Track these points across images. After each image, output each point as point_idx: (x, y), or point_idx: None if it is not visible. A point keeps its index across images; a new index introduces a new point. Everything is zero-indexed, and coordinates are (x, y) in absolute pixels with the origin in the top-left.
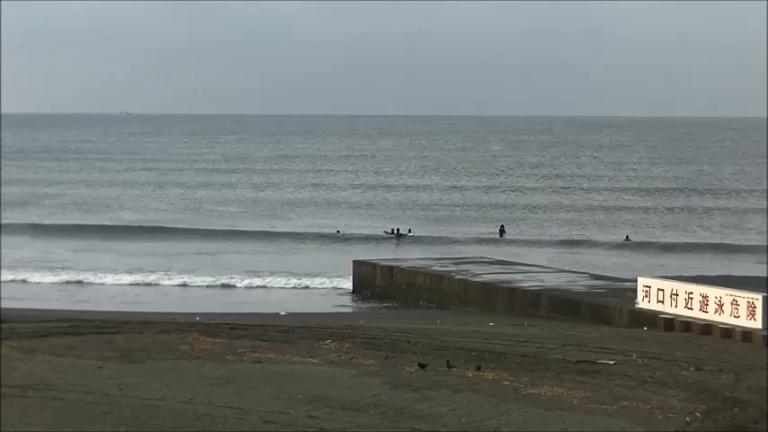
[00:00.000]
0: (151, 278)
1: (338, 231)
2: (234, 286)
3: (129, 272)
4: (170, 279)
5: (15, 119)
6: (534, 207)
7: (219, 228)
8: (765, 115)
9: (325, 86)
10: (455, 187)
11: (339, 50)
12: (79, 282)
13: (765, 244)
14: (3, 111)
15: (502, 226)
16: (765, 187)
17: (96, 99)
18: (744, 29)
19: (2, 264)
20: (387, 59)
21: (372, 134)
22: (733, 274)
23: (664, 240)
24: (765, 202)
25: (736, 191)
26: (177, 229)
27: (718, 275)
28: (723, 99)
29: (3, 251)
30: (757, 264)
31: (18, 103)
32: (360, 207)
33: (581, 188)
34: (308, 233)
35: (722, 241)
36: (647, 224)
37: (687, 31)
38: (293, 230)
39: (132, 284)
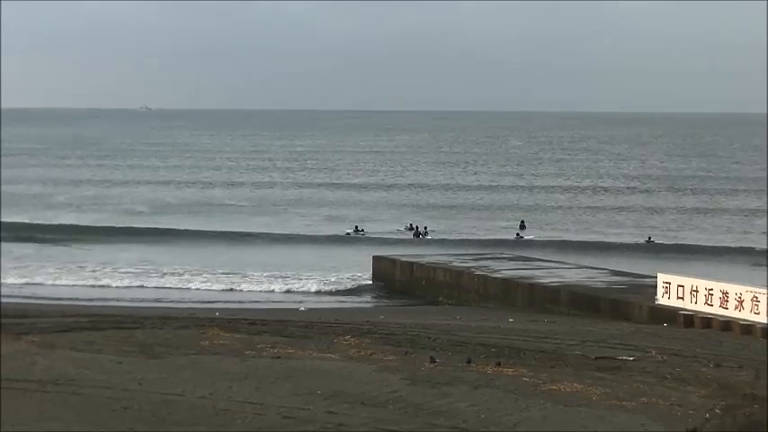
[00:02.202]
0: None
1: (357, 227)
2: (253, 283)
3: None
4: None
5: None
6: (554, 207)
7: (237, 229)
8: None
9: (340, 82)
10: (470, 186)
11: (348, 48)
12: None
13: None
14: (19, 106)
15: (522, 221)
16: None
17: (115, 95)
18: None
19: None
20: (385, 57)
21: (380, 130)
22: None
23: (688, 242)
24: None
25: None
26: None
27: None
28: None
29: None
30: None
31: (42, 99)
32: (378, 204)
33: (601, 187)
34: (325, 229)
35: (752, 245)
36: (673, 225)
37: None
38: (311, 225)
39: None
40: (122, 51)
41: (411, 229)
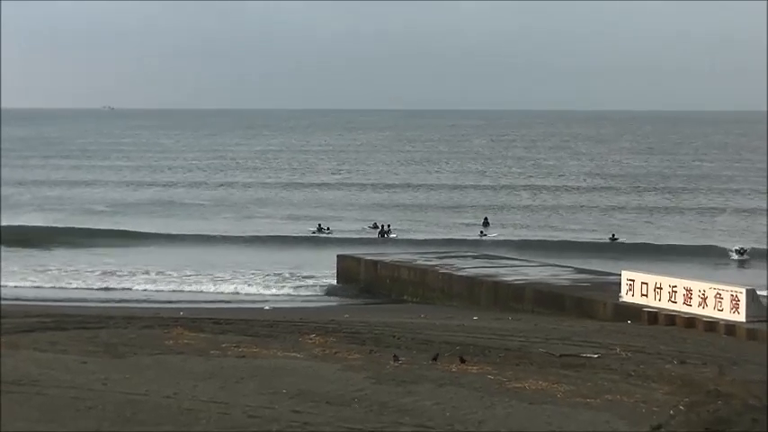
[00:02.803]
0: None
1: (320, 226)
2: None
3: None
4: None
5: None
6: (517, 205)
7: (202, 232)
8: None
9: (321, 82)
10: (433, 184)
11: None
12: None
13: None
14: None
15: (485, 218)
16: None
17: (77, 95)
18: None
19: None
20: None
21: (345, 129)
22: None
23: (651, 240)
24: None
25: (736, 190)
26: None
27: None
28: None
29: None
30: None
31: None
32: (341, 203)
33: (564, 185)
34: (291, 228)
35: (713, 243)
36: (636, 223)
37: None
38: (274, 225)
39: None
40: (84, 52)
41: (375, 227)
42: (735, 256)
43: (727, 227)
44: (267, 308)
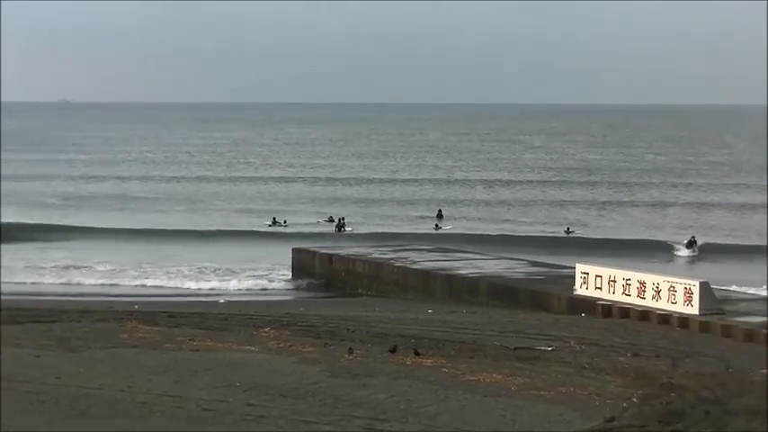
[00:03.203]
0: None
1: (275, 219)
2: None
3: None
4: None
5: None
6: (472, 199)
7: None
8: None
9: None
10: (387, 178)
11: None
12: None
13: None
14: None
15: (440, 210)
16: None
17: (32, 87)
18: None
19: None
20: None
21: (299, 123)
22: None
23: (605, 234)
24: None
25: (689, 183)
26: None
27: None
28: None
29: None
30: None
31: None
32: (296, 197)
33: (518, 179)
34: (245, 222)
35: (664, 238)
36: (590, 217)
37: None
38: (228, 218)
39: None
40: (41, 44)
41: (331, 220)
42: (684, 251)
43: (679, 220)
44: (222, 301)
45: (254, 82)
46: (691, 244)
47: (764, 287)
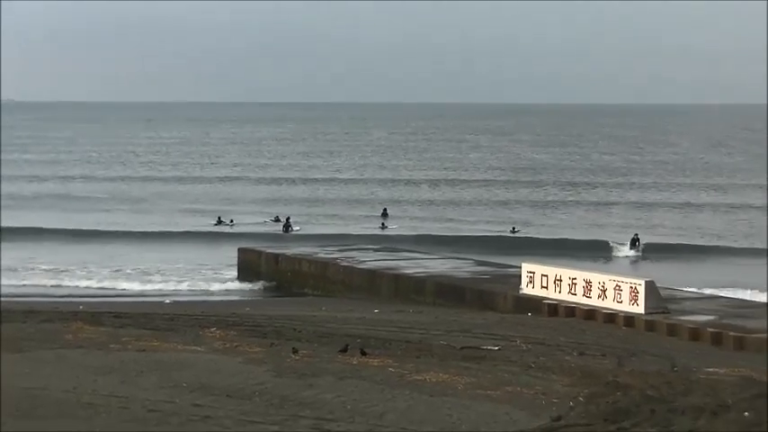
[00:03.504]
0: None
1: (220, 219)
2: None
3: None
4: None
5: None
6: (417, 199)
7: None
8: None
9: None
10: (332, 178)
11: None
12: None
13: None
14: None
15: (384, 209)
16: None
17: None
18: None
19: None
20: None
21: (246, 122)
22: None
23: (550, 234)
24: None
25: (632, 183)
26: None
27: None
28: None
29: None
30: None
31: None
32: (242, 197)
33: (463, 179)
34: (190, 222)
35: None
36: (535, 215)
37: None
38: (173, 218)
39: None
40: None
41: (277, 220)
42: (627, 250)
43: (623, 219)
44: (168, 301)
45: (203, 82)
46: (634, 243)
47: (702, 288)
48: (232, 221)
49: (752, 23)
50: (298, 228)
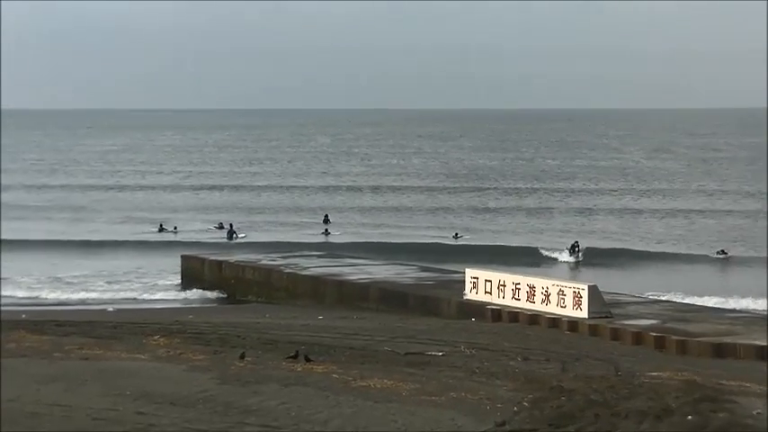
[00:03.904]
0: None
1: (162, 226)
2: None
3: None
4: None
5: None
6: (360, 207)
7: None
8: None
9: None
10: (275, 185)
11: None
12: None
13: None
14: None
15: (326, 215)
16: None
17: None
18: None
19: None
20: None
21: (189, 129)
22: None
23: (491, 241)
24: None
25: (572, 189)
26: None
27: None
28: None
29: None
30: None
31: None
32: (184, 204)
33: (408, 186)
34: (132, 230)
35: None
36: (477, 221)
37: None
38: (115, 227)
39: None
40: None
41: (221, 227)
42: (567, 256)
43: (565, 225)
44: (110, 309)
45: (146, 89)
46: (574, 248)
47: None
48: (176, 228)
49: (698, 27)
50: (243, 235)
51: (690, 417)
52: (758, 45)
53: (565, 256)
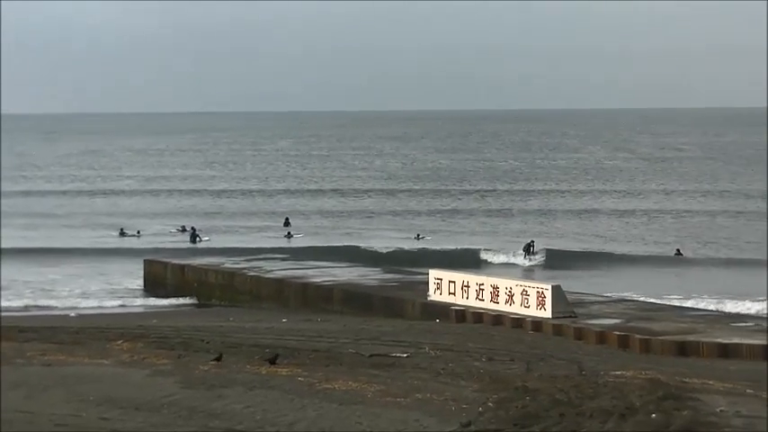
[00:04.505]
0: None
1: (122, 230)
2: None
3: None
4: None
5: None
6: (322, 211)
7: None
8: None
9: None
10: (236, 189)
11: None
12: None
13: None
14: None
15: (287, 218)
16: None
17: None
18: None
19: None
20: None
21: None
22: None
23: (452, 244)
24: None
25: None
26: None
27: None
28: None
29: None
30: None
31: None
32: (147, 209)
33: (367, 187)
34: (93, 235)
35: (508, 242)
36: (437, 222)
37: None
38: (76, 232)
39: None
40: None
41: (183, 230)
42: (522, 256)
43: (524, 225)
44: (73, 315)
45: (106, 93)
46: (528, 249)
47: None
48: (139, 233)
49: (660, 27)
50: (207, 238)
51: (654, 415)
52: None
53: (520, 257)
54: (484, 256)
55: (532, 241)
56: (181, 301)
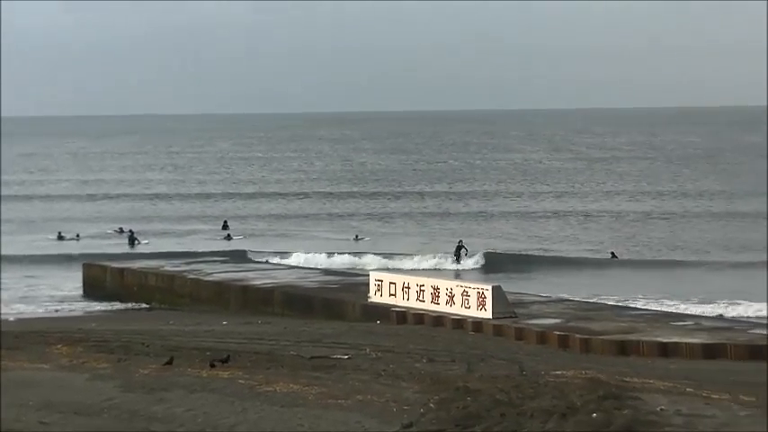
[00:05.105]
0: None
1: (60, 234)
2: None
3: None
4: None
5: None
6: (260, 215)
7: None
8: None
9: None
10: (173, 193)
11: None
12: None
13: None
14: None
15: (225, 221)
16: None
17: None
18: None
19: None
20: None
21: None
22: None
23: (390, 246)
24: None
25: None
26: None
27: None
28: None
29: None
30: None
31: None
32: (85, 213)
33: (306, 190)
34: (30, 239)
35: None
36: (374, 224)
37: None
38: (12, 236)
39: None
40: None
41: (121, 231)
42: (453, 258)
43: (463, 227)
44: (12, 319)
45: (51, 95)
46: (458, 250)
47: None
48: (78, 236)
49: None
50: (146, 241)
51: (594, 414)
52: None
53: (450, 259)
54: (410, 264)
55: (461, 241)
56: (120, 305)
